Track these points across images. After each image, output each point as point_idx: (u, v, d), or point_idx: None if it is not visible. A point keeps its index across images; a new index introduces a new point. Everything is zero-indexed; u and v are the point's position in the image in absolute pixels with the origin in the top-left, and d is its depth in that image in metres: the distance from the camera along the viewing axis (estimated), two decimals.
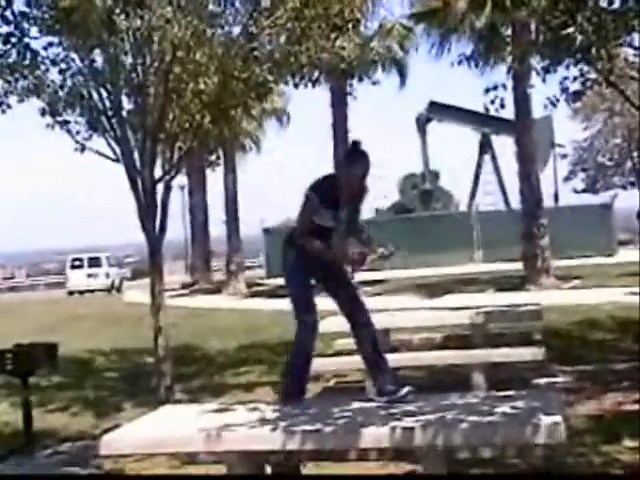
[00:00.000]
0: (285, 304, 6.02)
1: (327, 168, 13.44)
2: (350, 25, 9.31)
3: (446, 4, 21.00)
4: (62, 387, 10.79)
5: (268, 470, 5.16)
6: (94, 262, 40.95)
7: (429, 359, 8.83)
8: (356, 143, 5.83)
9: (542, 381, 8.61)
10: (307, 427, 4.81)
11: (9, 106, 8.54)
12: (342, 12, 9.04)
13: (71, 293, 38.66)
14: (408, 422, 4.75)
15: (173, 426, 5.27)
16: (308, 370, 5.88)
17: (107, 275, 40.69)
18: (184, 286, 32.20)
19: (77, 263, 41.16)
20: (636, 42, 10.28)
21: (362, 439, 4.66)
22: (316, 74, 9.27)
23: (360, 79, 9.84)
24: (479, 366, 8.17)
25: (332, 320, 7.00)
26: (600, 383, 8.52)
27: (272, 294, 23.04)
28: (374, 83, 10.01)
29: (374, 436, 4.65)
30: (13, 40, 8.30)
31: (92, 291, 38.18)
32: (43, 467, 7.19)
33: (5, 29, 8.33)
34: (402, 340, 9.33)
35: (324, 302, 5.94)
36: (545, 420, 4.54)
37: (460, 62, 11.83)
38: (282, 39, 8.78)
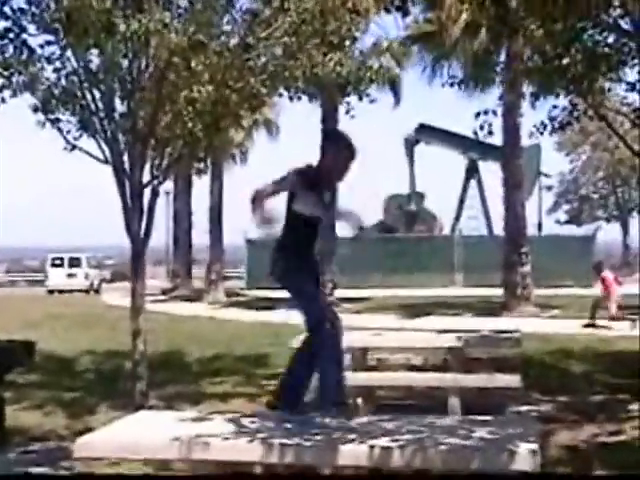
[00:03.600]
0: (263, 316, 5.99)
1: None
2: (347, 42, 9.36)
3: (442, 29, 21.16)
4: (37, 385, 10.71)
5: None
6: (74, 262, 40.76)
7: (405, 380, 8.83)
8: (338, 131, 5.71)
9: (518, 408, 8.62)
10: (285, 440, 4.79)
11: (3, 100, 8.51)
12: (339, 29, 9.08)
13: (51, 292, 38.45)
14: (385, 441, 4.74)
15: (148, 432, 5.24)
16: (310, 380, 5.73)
17: (86, 276, 40.49)
18: (164, 292, 32.11)
19: (58, 262, 40.94)
20: (628, 77, 10.39)
21: (340, 456, 4.64)
22: (311, 89, 9.29)
23: (360, 98, 9.82)
24: (456, 390, 8.17)
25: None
26: (576, 413, 8.54)
27: (251, 305, 22.99)
28: (372, 102, 9.99)
29: (352, 454, 4.64)
30: (11, 36, 8.27)
31: (71, 291, 37.99)
32: (12, 466, 7.13)
33: (3, 24, 8.32)
34: (380, 359, 9.33)
35: None
36: (522, 447, 4.54)
37: (452, 84, 11.95)
38: (278, 52, 8.79)
